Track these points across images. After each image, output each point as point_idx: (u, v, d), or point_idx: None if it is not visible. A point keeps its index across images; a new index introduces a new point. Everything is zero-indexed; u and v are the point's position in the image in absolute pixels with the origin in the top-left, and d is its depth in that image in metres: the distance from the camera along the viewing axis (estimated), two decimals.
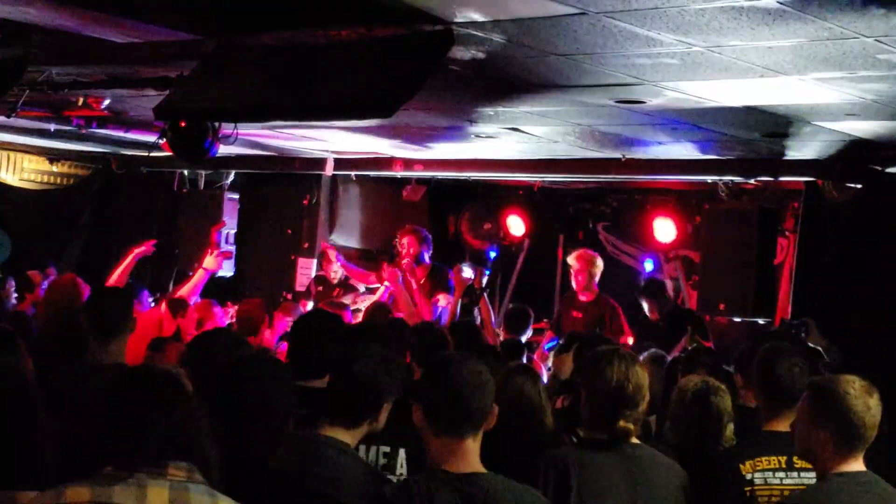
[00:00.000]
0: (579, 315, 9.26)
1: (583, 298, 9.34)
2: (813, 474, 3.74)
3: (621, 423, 3.70)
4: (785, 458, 4.09)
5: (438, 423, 3.25)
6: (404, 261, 9.38)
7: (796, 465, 4.08)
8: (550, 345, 8.55)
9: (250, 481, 3.10)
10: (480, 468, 3.26)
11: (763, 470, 4.12)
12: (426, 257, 9.62)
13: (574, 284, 9.45)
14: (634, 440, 3.79)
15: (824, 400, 3.55)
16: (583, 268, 9.35)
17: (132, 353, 5.20)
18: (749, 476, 4.11)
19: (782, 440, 4.01)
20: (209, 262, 8.84)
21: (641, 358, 6.17)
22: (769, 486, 4.10)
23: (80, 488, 2.62)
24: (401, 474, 3.99)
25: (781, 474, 4.10)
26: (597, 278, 9.38)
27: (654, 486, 3.69)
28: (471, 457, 3.25)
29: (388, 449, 4.02)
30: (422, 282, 9.33)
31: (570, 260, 9.55)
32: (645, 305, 9.05)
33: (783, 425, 4.09)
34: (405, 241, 9.71)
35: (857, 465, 3.55)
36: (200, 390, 3.37)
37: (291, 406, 3.27)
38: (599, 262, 9.45)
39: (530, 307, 8.75)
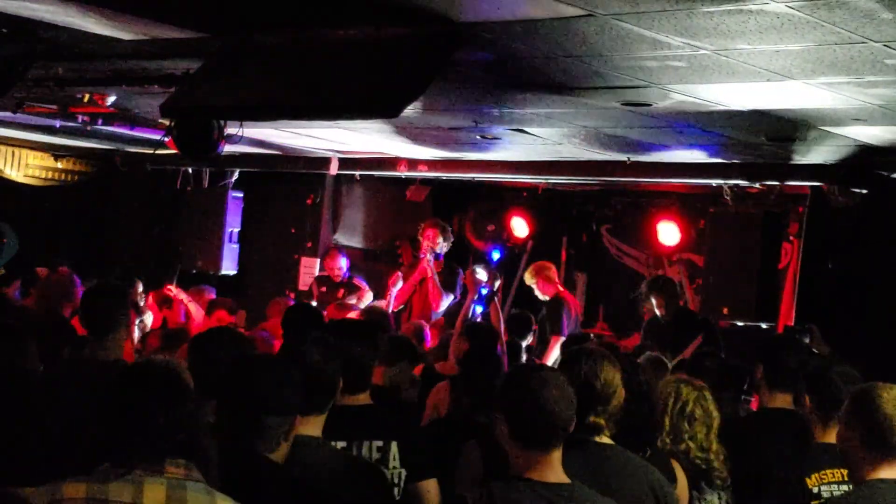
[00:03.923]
0: None
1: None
2: None
3: (591, 418, 3.65)
4: (846, 471, 3.98)
5: (526, 439, 3.23)
6: (426, 255, 9.43)
7: None
8: None
9: (256, 480, 3.09)
10: (566, 478, 3.24)
11: (829, 483, 4.13)
12: (442, 253, 9.69)
13: None
14: (606, 439, 3.74)
15: (857, 402, 3.61)
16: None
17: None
18: (815, 489, 4.11)
19: (837, 453, 3.92)
20: None
21: (640, 360, 6.18)
22: (836, 499, 4.03)
23: (77, 484, 2.63)
24: (394, 467, 4.00)
25: (845, 487, 4.04)
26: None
27: (621, 485, 3.62)
28: (557, 466, 3.25)
29: (381, 443, 4.03)
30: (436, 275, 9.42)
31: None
32: (653, 301, 8.95)
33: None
34: (429, 233, 9.71)
35: (893, 472, 3.53)
36: (204, 388, 3.37)
37: (299, 404, 3.25)
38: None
39: (532, 309, 8.71)
